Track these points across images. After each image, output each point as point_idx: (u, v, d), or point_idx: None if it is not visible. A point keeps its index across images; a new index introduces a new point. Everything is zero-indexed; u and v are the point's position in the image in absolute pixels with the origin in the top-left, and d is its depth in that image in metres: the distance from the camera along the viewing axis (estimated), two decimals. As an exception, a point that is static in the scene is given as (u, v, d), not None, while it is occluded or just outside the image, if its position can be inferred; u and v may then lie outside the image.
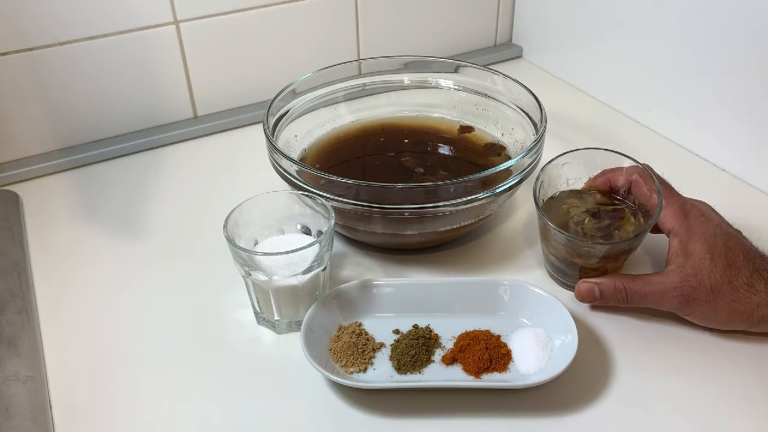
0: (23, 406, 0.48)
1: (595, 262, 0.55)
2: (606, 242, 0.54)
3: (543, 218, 0.55)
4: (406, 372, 0.51)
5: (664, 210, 0.54)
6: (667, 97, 0.78)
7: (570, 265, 0.56)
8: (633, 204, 0.57)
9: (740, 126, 0.70)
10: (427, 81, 0.76)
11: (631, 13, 0.80)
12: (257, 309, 0.56)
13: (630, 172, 0.57)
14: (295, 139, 0.71)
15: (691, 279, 0.51)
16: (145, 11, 0.75)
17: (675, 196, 0.56)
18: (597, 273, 0.56)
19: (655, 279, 0.53)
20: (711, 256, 0.51)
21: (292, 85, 0.70)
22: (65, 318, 0.58)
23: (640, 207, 0.56)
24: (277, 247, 0.54)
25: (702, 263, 0.51)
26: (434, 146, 0.73)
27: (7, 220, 0.68)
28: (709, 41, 0.71)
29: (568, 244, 0.55)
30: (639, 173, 0.56)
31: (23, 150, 0.77)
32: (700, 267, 0.51)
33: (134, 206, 0.71)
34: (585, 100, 0.89)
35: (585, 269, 0.56)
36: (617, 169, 0.58)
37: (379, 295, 0.56)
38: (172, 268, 0.63)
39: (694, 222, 0.53)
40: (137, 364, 0.53)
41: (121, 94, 0.79)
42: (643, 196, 0.56)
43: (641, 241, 0.55)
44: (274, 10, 0.82)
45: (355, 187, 0.56)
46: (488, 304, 0.55)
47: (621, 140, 0.79)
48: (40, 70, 0.73)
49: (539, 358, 0.50)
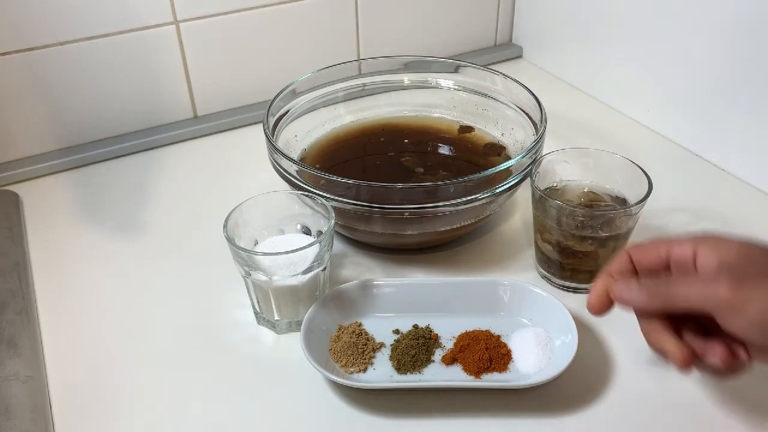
0: (23, 406, 0.48)
1: (589, 244, 0.55)
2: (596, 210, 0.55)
3: (538, 191, 0.56)
4: (406, 372, 0.51)
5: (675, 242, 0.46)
6: (667, 97, 0.78)
7: (563, 253, 0.56)
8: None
9: (740, 126, 0.71)
10: (427, 81, 0.76)
11: (631, 13, 0.80)
12: (257, 309, 0.56)
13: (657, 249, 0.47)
14: (295, 139, 0.71)
15: (737, 265, 0.42)
16: (145, 11, 0.75)
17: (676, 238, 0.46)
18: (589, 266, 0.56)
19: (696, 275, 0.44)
20: (758, 247, 0.43)
21: (292, 85, 0.70)
22: (65, 318, 0.58)
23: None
24: (277, 247, 0.54)
25: (748, 250, 0.43)
26: (434, 146, 0.73)
27: (7, 220, 0.68)
28: (709, 41, 0.71)
29: (560, 218, 0.55)
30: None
31: (23, 150, 0.77)
32: (748, 254, 0.42)
33: (134, 206, 0.71)
34: (585, 100, 0.89)
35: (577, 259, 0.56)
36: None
37: (379, 295, 0.56)
38: (172, 268, 0.63)
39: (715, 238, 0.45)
40: (137, 364, 0.53)
41: (121, 94, 0.79)
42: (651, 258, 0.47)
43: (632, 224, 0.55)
44: (274, 10, 0.82)
45: (355, 187, 0.56)
46: (488, 304, 0.55)
47: (621, 140, 0.79)
48: (40, 70, 0.73)
49: (539, 358, 0.50)
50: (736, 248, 0.43)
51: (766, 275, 0.41)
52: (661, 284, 0.44)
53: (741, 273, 0.41)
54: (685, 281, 0.43)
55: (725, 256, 0.43)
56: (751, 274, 0.41)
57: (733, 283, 0.40)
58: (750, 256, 0.43)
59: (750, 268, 0.42)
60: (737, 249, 0.43)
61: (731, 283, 0.40)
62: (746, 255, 0.43)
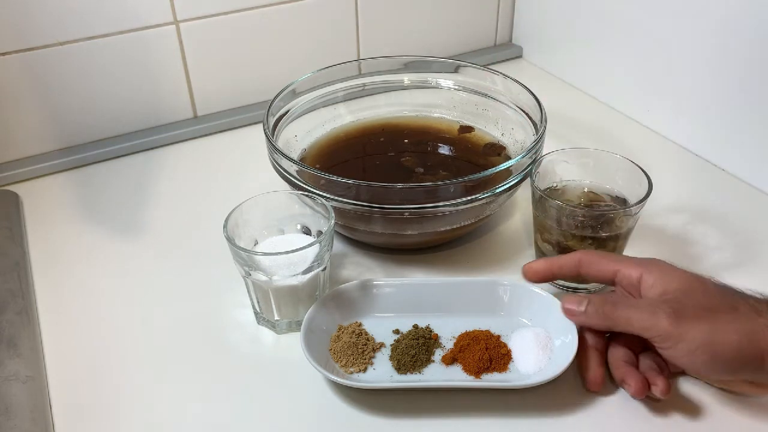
0: (23, 406, 0.48)
1: (589, 244, 0.55)
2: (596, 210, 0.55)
3: (538, 191, 0.56)
4: (406, 372, 0.51)
5: (623, 266, 0.49)
6: (667, 97, 0.78)
7: (563, 253, 0.56)
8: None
9: (740, 126, 0.70)
10: (427, 81, 0.76)
11: (631, 13, 0.80)
12: (257, 309, 0.56)
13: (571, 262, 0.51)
14: (295, 139, 0.71)
15: (680, 295, 0.46)
16: (145, 11, 0.75)
17: (627, 258, 0.50)
18: None
19: (640, 299, 0.48)
20: (695, 278, 0.47)
21: (292, 85, 0.70)
22: (65, 318, 0.58)
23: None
24: (277, 247, 0.54)
25: (690, 283, 0.46)
26: (434, 146, 0.73)
27: (7, 220, 0.68)
28: (709, 41, 0.71)
29: (560, 218, 0.55)
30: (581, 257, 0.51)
31: (23, 150, 0.77)
32: (690, 285, 0.46)
33: (134, 206, 0.71)
34: (585, 100, 0.89)
35: None
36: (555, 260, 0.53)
37: (379, 295, 0.56)
38: (172, 268, 0.63)
39: (658, 262, 0.49)
40: (137, 364, 0.53)
41: (121, 94, 0.79)
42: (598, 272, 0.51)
43: (632, 224, 0.55)
44: (274, 10, 0.82)
45: (355, 187, 0.56)
46: (488, 304, 0.55)
47: (621, 140, 0.79)
48: (40, 70, 0.73)
49: (539, 358, 0.50)
50: (679, 281, 0.47)
51: (702, 313, 0.44)
52: (608, 305, 0.48)
53: (679, 308, 0.45)
54: (630, 307, 0.47)
55: (669, 286, 0.47)
56: (688, 309, 0.45)
57: (671, 318, 0.44)
58: (691, 291, 0.46)
59: (689, 302, 0.45)
60: (680, 281, 0.47)
61: (670, 317, 0.44)
62: (688, 289, 0.46)
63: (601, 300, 0.49)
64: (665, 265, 0.48)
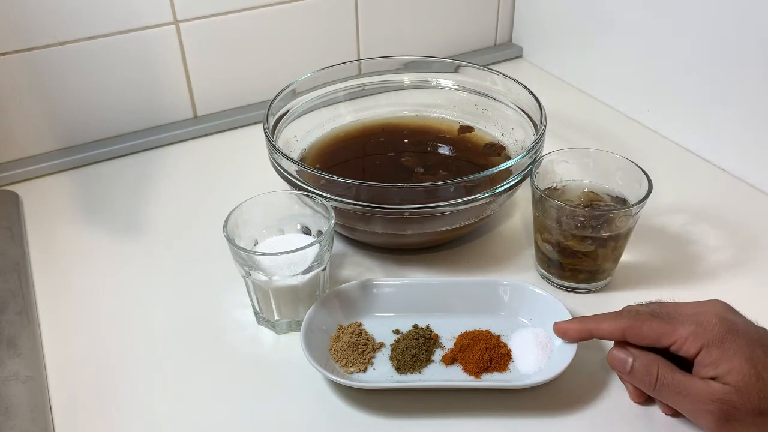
0: (23, 406, 0.48)
1: (589, 244, 0.55)
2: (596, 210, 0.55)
3: (538, 191, 0.56)
4: (406, 372, 0.51)
5: (679, 337, 0.45)
6: (667, 97, 0.78)
7: (563, 253, 0.56)
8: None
9: (740, 126, 0.71)
10: (427, 81, 0.76)
11: (630, 13, 0.80)
12: (257, 309, 0.56)
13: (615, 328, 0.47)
14: (295, 139, 0.71)
15: (733, 395, 0.42)
16: (145, 11, 0.75)
17: (683, 315, 0.45)
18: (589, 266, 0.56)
19: (696, 381, 0.44)
20: (755, 371, 0.42)
21: (292, 85, 0.70)
22: (65, 318, 0.58)
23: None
24: (277, 247, 0.54)
25: (748, 379, 0.42)
26: (434, 146, 0.73)
27: (7, 220, 0.68)
28: (709, 41, 0.71)
29: (560, 218, 0.55)
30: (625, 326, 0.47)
31: (23, 150, 0.77)
32: (746, 383, 0.42)
33: (134, 206, 0.71)
34: (585, 100, 0.89)
35: (577, 259, 0.56)
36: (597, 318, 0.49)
37: (379, 295, 0.56)
38: (172, 267, 0.63)
39: (721, 336, 0.43)
40: (137, 364, 0.53)
41: (121, 94, 0.79)
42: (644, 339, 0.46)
43: (632, 224, 0.55)
44: (274, 10, 0.82)
45: (355, 187, 0.56)
46: (488, 304, 0.55)
47: (621, 140, 0.79)
48: (40, 70, 0.73)
49: (539, 358, 0.50)
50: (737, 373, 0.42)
51: (753, 419, 0.42)
52: (651, 375, 0.45)
53: (731, 411, 0.42)
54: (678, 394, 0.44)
55: (725, 377, 0.43)
56: (740, 414, 0.42)
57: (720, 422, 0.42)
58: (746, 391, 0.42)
59: (742, 405, 0.42)
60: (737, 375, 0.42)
61: (719, 421, 0.42)
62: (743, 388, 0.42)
63: (650, 361, 0.46)
64: (723, 334, 0.44)
